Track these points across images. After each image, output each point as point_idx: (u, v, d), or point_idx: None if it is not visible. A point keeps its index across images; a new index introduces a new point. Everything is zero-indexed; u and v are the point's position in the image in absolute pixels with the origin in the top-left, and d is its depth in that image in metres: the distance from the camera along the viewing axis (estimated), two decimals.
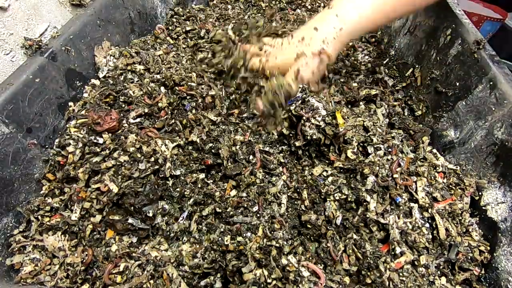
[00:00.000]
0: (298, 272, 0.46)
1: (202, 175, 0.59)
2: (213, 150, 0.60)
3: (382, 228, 0.53)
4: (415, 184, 0.56)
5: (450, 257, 0.51)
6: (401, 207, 0.53)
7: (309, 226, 0.53)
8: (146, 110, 0.65)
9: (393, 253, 0.50)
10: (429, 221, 0.53)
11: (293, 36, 0.65)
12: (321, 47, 0.61)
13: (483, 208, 0.55)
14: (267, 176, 0.59)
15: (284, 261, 0.47)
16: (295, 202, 0.57)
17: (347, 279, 0.48)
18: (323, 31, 0.62)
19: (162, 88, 0.69)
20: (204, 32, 0.85)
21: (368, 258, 0.48)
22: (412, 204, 0.54)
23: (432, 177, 0.57)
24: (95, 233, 0.54)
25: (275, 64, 0.65)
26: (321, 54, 0.61)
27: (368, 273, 0.48)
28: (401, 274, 0.48)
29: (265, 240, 0.49)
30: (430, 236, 0.52)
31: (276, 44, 0.68)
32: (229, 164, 0.58)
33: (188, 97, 0.68)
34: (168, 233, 0.54)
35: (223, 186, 0.57)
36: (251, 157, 0.59)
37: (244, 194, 0.55)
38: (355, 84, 0.76)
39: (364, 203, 0.53)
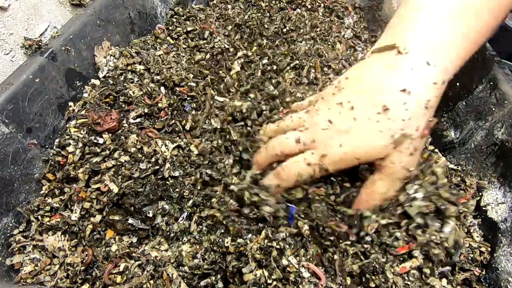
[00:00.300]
0: (298, 273, 0.46)
1: (200, 179, 0.59)
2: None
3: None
4: None
5: (454, 259, 0.51)
6: None
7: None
8: (146, 110, 0.65)
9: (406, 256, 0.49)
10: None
11: (355, 105, 0.39)
12: (427, 120, 0.38)
13: (483, 208, 0.55)
14: None
15: (284, 261, 0.47)
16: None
17: (348, 280, 0.48)
18: (420, 91, 0.38)
19: (162, 89, 0.69)
20: (207, 33, 0.85)
21: (374, 262, 0.47)
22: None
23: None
24: (95, 233, 0.54)
25: (346, 155, 0.39)
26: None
27: (373, 277, 0.47)
28: (405, 278, 0.47)
29: (266, 241, 0.48)
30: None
31: (318, 122, 0.41)
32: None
33: (188, 98, 0.68)
34: (168, 233, 0.54)
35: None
36: None
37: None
38: None
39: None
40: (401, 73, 0.38)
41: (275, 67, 0.76)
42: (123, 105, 0.66)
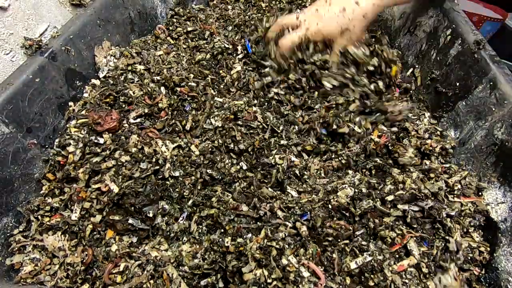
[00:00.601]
0: (298, 272, 0.46)
1: (200, 179, 0.59)
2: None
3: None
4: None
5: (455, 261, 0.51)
6: None
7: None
8: (146, 111, 0.65)
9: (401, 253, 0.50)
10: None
11: (331, 3, 0.68)
12: (364, 22, 0.66)
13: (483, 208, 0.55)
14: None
15: (284, 261, 0.47)
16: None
17: (348, 280, 0.48)
18: (363, 5, 0.66)
19: (163, 89, 0.69)
20: (208, 34, 0.85)
21: (373, 261, 0.48)
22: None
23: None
24: (95, 233, 0.54)
25: (317, 30, 0.68)
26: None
27: (372, 276, 0.47)
28: (403, 276, 0.48)
29: (265, 240, 0.49)
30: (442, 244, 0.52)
31: (311, 11, 0.70)
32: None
33: (188, 98, 0.68)
34: (168, 233, 0.54)
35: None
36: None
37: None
38: None
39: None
40: None
41: None
42: (124, 105, 0.66)
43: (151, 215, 0.53)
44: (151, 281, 0.49)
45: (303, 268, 0.47)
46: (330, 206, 0.53)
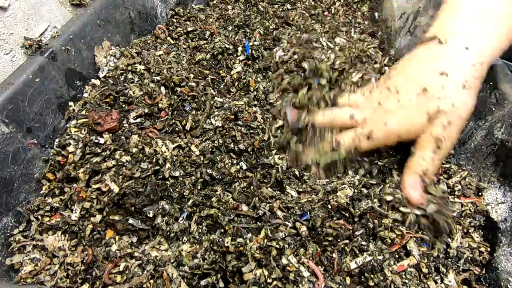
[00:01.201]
0: (298, 272, 0.46)
1: (200, 179, 0.59)
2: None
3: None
4: None
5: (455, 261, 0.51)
6: None
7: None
8: (146, 111, 0.65)
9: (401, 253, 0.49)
10: None
11: (399, 88, 0.47)
12: (466, 94, 0.44)
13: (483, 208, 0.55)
14: None
15: (284, 261, 0.47)
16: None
17: (348, 280, 0.48)
18: (457, 72, 0.44)
19: (163, 89, 0.69)
20: (208, 34, 0.85)
21: (373, 261, 0.48)
22: None
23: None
24: (95, 233, 0.54)
25: (389, 132, 0.47)
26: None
27: (372, 276, 0.47)
28: (403, 276, 0.48)
29: (265, 240, 0.49)
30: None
31: (371, 106, 0.49)
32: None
33: (188, 98, 0.68)
34: (168, 233, 0.54)
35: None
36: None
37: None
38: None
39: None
40: (440, 58, 0.45)
41: None
42: (124, 105, 0.66)
43: (151, 215, 0.53)
44: (151, 281, 0.49)
45: (303, 267, 0.47)
46: (329, 206, 0.53)
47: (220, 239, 0.50)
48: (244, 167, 0.61)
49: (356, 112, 0.50)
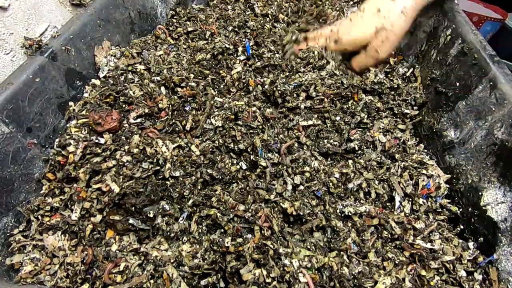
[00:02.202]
0: (294, 274, 0.46)
1: (200, 179, 0.59)
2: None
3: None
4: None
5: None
6: None
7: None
8: (147, 111, 0.65)
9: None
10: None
11: (365, 8, 0.66)
12: (403, 18, 0.62)
13: (483, 208, 0.55)
14: None
15: (285, 261, 0.47)
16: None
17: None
18: (401, 1, 0.62)
19: (163, 89, 0.69)
20: (208, 34, 0.85)
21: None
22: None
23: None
24: (95, 233, 0.54)
25: (350, 39, 0.66)
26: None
27: None
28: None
29: (261, 240, 0.49)
30: None
31: (344, 20, 0.69)
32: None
33: (189, 98, 0.68)
34: (168, 233, 0.54)
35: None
36: None
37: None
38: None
39: None
40: None
41: None
42: (124, 105, 0.66)
43: (151, 215, 0.53)
44: (151, 281, 0.49)
45: (301, 274, 0.47)
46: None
47: (220, 239, 0.50)
48: (244, 167, 0.61)
49: (333, 26, 0.71)
